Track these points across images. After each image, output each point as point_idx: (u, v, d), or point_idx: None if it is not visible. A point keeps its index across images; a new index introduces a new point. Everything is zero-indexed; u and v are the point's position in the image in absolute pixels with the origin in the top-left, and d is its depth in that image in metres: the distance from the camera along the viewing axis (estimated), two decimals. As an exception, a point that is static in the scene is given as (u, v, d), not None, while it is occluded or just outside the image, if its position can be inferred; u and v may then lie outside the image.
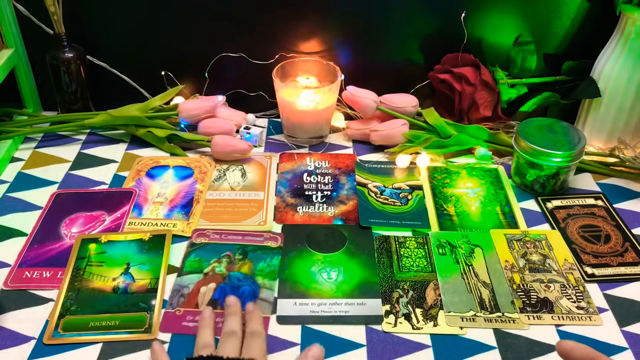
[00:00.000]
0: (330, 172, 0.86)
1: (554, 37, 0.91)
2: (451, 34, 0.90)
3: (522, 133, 0.81)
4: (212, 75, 0.94)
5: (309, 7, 0.89)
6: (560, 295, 0.67)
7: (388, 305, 0.65)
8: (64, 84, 0.92)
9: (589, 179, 0.86)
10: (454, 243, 0.73)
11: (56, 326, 0.62)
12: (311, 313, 0.64)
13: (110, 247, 0.71)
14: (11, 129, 0.90)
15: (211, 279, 0.68)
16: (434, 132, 0.89)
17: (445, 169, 0.86)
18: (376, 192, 0.82)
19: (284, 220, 0.77)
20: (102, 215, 0.76)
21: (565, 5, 0.88)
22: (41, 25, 0.90)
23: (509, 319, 0.64)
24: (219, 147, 0.86)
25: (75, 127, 0.91)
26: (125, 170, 0.85)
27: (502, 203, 0.81)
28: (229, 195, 0.81)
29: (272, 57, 0.93)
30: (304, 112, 0.88)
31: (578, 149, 0.79)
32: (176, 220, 0.76)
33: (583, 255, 0.72)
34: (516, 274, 0.69)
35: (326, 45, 0.93)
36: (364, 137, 0.91)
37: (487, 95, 0.90)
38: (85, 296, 0.65)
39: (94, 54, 0.93)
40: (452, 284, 0.68)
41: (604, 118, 0.87)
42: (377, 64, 0.95)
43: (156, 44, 0.93)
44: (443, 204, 0.80)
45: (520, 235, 0.75)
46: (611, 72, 0.84)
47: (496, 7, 0.89)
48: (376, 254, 0.72)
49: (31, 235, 0.73)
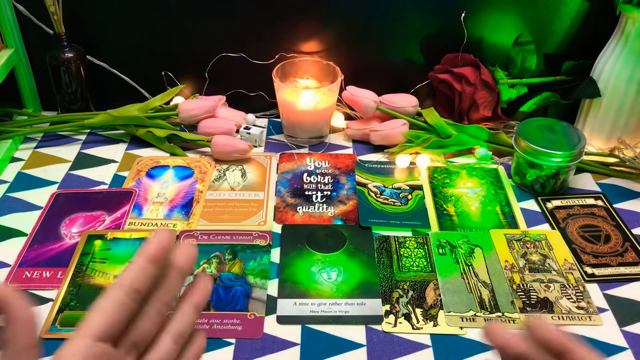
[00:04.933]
0: (330, 172, 0.86)
1: (554, 37, 0.91)
2: (451, 34, 0.90)
3: (522, 133, 0.81)
4: (212, 75, 0.94)
5: (309, 7, 0.89)
6: (560, 295, 0.67)
7: (388, 305, 0.65)
8: (64, 84, 0.92)
9: (589, 179, 0.86)
10: (454, 243, 0.73)
11: (54, 320, 0.62)
12: (311, 313, 0.64)
13: (114, 245, 0.71)
14: (11, 129, 0.90)
15: None
16: (434, 132, 0.89)
17: (445, 169, 0.86)
18: (376, 192, 0.82)
19: (284, 220, 0.77)
20: (102, 215, 0.76)
21: (565, 5, 0.88)
22: (41, 25, 0.90)
23: (509, 319, 0.64)
24: (219, 147, 0.86)
25: (75, 127, 0.91)
26: (125, 170, 0.85)
27: (502, 203, 0.81)
28: (229, 195, 0.81)
29: (272, 57, 0.93)
30: (304, 112, 0.88)
31: (578, 149, 0.79)
32: (176, 220, 0.76)
33: (583, 255, 0.72)
34: (516, 274, 0.69)
35: (326, 45, 0.93)
36: (364, 137, 0.91)
37: (487, 95, 0.90)
38: (85, 292, 0.65)
39: (94, 54, 0.93)
40: (452, 284, 0.68)
41: (604, 118, 0.87)
42: (377, 64, 0.95)
43: (156, 44, 0.93)
44: (443, 204, 0.80)
45: (520, 235, 0.75)
46: (611, 72, 0.84)
47: (496, 7, 0.89)
48: (376, 254, 0.72)
49: (31, 235, 0.73)
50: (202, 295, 0.38)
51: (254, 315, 0.64)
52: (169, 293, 0.36)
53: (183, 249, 0.37)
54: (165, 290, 0.36)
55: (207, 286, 0.39)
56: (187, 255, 0.37)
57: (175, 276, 0.36)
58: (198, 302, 0.38)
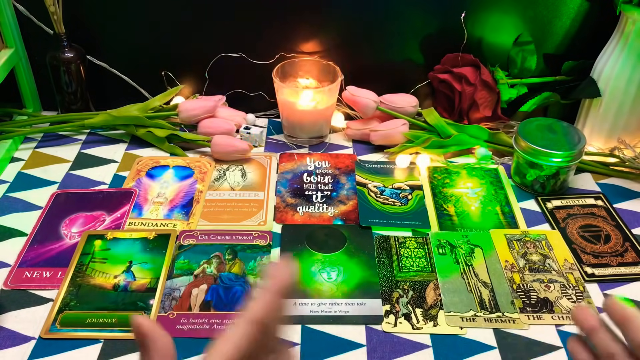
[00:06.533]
0: (330, 172, 0.86)
1: (554, 37, 0.91)
2: (451, 34, 0.90)
3: (522, 133, 0.81)
4: (212, 75, 0.94)
5: (309, 7, 0.89)
6: (560, 295, 0.67)
7: (388, 305, 0.65)
8: (64, 84, 0.92)
9: (589, 179, 0.86)
10: (454, 243, 0.73)
11: (54, 320, 0.62)
12: (311, 313, 0.64)
13: (114, 244, 0.71)
14: (11, 129, 0.90)
15: (202, 280, 0.67)
16: (434, 132, 0.89)
17: (445, 169, 0.86)
18: (376, 192, 0.82)
19: (284, 220, 0.77)
20: (102, 215, 0.76)
21: (565, 5, 0.88)
22: (41, 25, 0.90)
23: (509, 319, 0.64)
24: (219, 147, 0.86)
25: (75, 127, 0.91)
26: (125, 170, 0.85)
27: (502, 203, 0.81)
28: (229, 195, 0.81)
29: (272, 57, 0.93)
30: (304, 112, 0.88)
31: (578, 149, 0.79)
32: (176, 220, 0.76)
33: (583, 255, 0.72)
34: (516, 274, 0.69)
35: (326, 45, 0.93)
36: (364, 137, 0.91)
37: (487, 95, 0.90)
38: (85, 292, 0.65)
39: (94, 54, 0.93)
40: (452, 284, 0.68)
41: (604, 118, 0.87)
42: (377, 64, 0.95)
43: (156, 44, 0.93)
44: (443, 204, 0.80)
45: (520, 235, 0.75)
46: (611, 72, 0.84)
47: (496, 7, 0.89)
48: (376, 254, 0.72)
49: (31, 235, 0.73)
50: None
51: (254, 315, 0.63)
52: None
53: (281, 270, 0.38)
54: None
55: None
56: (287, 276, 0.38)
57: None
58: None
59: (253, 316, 0.35)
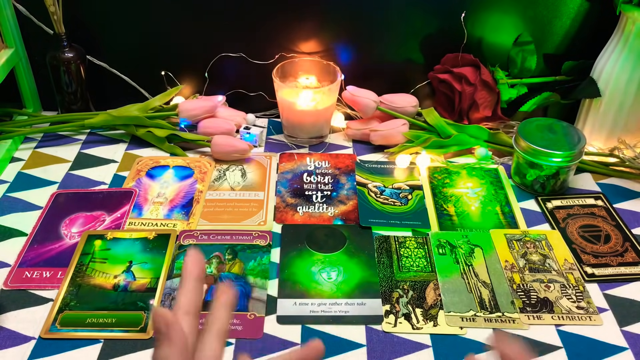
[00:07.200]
0: (330, 172, 0.86)
1: (554, 37, 0.91)
2: (451, 34, 0.90)
3: (522, 133, 0.81)
4: (212, 75, 0.94)
5: (309, 7, 0.89)
6: (560, 295, 0.67)
7: (388, 305, 0.65)
8: (64, 84, 0.92)
9: (589, 179, 0.86)
10: (454, 243, 0.73)
11: (54, 320, 0.62)
12: (311, 313, 0.64)
13: (114, 244, 0.71)
14: (11, 129, 0.90)
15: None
16: (434, 132, 0.89)
17: (445, 169, 0.86)
18: (376, 192, 0.82)
19: (284, 220, 0.77)
20: (102, 215, 0.76)
21: (565, 5, 0.88)
22: (41, 25, 0.90)
23: (509, 319, 0.64)
24: (219, 147, 0.86)
25: (75, 127, 0.91)
26: (125, 170, 0.85)
27: (502, 203, 0.80)
28: (229, 195, 0.81)
29: (272, 57, 0.93)
30: (304, 112, 0.88)
31: (578, 149, 0.79)
32: (176, 220, 0.76)
33: (583, 255, 0.72)
34: (516, 274, 0.69)
35: (326, 45, 0.93)
36: (364, 137, 0.91)
37: (487, 95, 0.90)
38: (85, 292, 0.65)
39: (94, 54, 0.93)
40: (452, 284, 0.68)
41: (604, 118, 0.87)
42: (377, 64, 0.95)
43: (156, 44, 0.93)
44: (443, 204, 0.80)
45: (520, 235, 0.75)
46: (611, 72, 0.84)
47: (496, 7, 0.89)
48: (376, 254, 0.72)
49: (31, 235, 0.73)
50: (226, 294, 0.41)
51: (254, 315, 0.64)
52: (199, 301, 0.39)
53: (191, 258, 0.40)
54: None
55: (227, 285, 0.41)
56: (197, 262, 0.40)
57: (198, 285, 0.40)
58: (226, 302, 0.40)
59: (185, 308, 0.37)
